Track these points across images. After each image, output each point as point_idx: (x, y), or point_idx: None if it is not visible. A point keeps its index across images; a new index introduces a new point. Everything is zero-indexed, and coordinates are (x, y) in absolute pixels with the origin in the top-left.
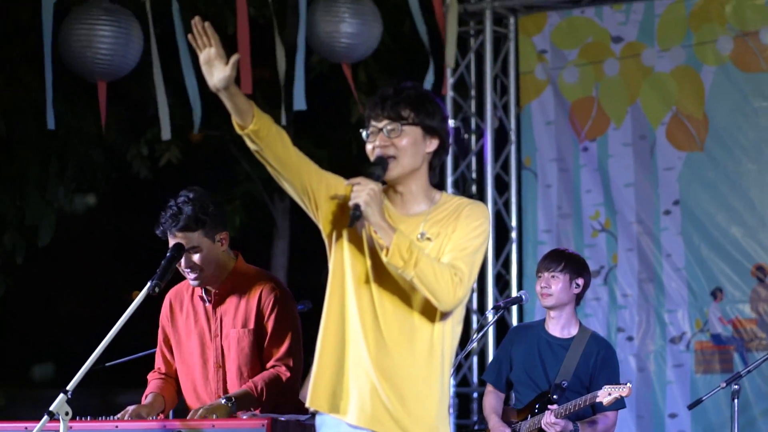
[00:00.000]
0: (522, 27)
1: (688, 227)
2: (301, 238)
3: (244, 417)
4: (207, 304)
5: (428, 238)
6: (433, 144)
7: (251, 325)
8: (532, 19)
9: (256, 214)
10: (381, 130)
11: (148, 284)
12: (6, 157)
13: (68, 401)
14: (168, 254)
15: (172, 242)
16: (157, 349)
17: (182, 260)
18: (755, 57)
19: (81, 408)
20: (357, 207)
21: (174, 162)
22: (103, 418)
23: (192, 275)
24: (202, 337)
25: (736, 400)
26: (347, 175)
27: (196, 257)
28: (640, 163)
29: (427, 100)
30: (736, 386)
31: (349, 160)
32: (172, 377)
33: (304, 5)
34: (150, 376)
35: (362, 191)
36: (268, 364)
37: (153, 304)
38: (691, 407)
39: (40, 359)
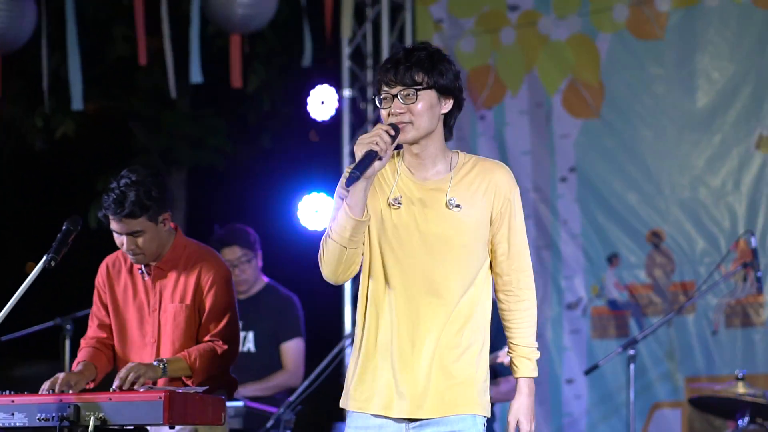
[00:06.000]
0: None
1: (585, 194)
2: (197, 209)
3: (142, 390)
4: (147, 278)
5: (457, 205)
6: (447, 104)
7: (188, 301)
8: None
9: None
10: (395, 96)
11: (44, 258)
12: None
13: None
14: (63, 227)
15: (114, 225)
16: (91, 314)
17: (125, 242)
18: (650, 24)
19: None
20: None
21: (70, 135)
22: (2, 393)
23: (134, 256)
24: (141, 310)
25: (632, 365)
26: (247, 146)
27: (139, 241)
28: (536, 131)
29: (439, 60)
30: (632, 351)
31: (245, 130)
32: (106, 344)
33: None
34: (83, 342)
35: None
36: (205, 338)
37: (50, 278)
38: (587, 372)
39: None
